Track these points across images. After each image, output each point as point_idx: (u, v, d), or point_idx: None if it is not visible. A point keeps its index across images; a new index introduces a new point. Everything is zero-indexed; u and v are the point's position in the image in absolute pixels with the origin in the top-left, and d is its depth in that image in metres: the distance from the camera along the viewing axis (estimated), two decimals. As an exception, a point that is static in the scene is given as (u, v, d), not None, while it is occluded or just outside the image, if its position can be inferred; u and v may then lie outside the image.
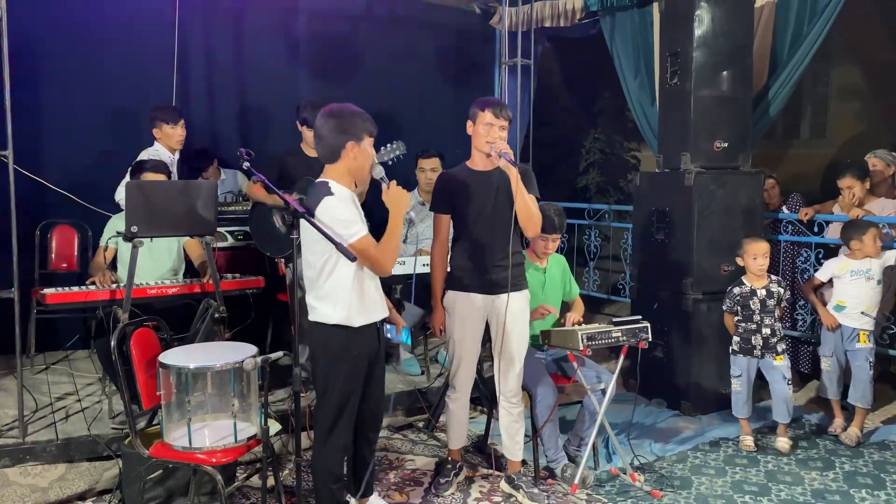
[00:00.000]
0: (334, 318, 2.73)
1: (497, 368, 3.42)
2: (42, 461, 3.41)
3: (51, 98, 4.85)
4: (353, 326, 2.74)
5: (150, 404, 2.96)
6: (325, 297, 2.75)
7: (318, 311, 2.77)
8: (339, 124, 2.72)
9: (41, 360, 4.67)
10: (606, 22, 5.75)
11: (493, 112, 3.20)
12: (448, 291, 3.40)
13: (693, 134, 4.51)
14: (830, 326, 4.18)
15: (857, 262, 4.12)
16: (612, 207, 6.26)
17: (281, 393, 4.08)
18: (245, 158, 2.84)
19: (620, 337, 3.49)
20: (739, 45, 4.54)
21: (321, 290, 2.75)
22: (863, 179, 4.54)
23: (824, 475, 3.71)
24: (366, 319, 2.78)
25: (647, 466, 3.79)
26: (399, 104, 5.87)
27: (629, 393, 4.63)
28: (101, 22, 4.94)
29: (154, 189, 3.56)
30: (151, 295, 3.81)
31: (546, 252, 3.77)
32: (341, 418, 2.80)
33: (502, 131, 3.22)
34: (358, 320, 2.75)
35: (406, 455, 3.96)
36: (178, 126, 4.47)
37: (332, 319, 2.73)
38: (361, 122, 2.74)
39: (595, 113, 8.08)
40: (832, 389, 4.23)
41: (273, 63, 5.63)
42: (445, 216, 3.40)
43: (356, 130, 2.72)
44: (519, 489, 3.45)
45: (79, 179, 4.85)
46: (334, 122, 2.72)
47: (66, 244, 4.79)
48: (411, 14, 6.16)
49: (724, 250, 4.52)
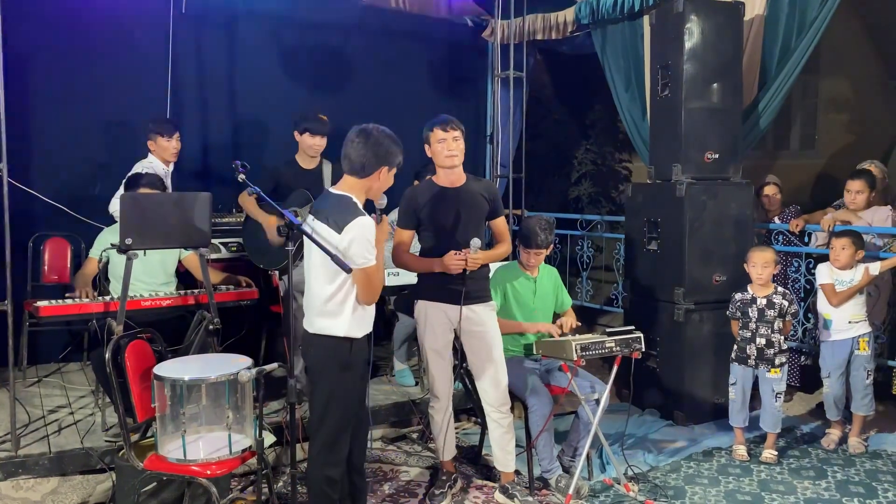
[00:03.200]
0: (342, 331, 2.74)
1: (476, 381, 3.45)
2: (35, 474, 3.40)
3: (44, 110, 4.86)
4: (357, 338, 2.78)
5: (144, 416, 2.96)
6: (335, 313, 2.74)
7: (326, 325, 2.76)
8: (382, 147, 2.78)
9: (33, 373, 4.65)
10: (598, 35, 5.80)
11: (440, 128, 3.30)
12: (418, 302, 3.46)
13: (684, 145, 4.55)
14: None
15: (840, 272, 4.12)
16: (604, 218, 6.30)
17: (275, 404, 4.08)
18: (240, 171, 2.86)
19: (614, 347, 3.51)
20: (729, 57, 4.59)
21: (335, 305, 2.74)
22: (871, 189, 4.58)
23: (817, 484, 3.73)
24: (366, 330, 2.84)
25: (640, 476, 3.80)
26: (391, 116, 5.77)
27: (623, 403, 4.65)
28: (95, 33, 4.95)
29: (148, 201, 3.57)
30: (145, 307, 3.81)
31: (531, 264, 3.80)
32: (345, 430, 2.81)
33: (456, 141, 3.31)
34: (360, 331, 2.80)
35: (400, 466, 3.95)
36: (173, 139, 4.48)
37: (341, 332, 2.75)
38: (397, 154, 2.82)
39: (587, 124, 8.13)
40: (832, 411, 4.20)
41: (267, 75, 5.65)
42: (409, 231, 3.45)
43: (392, 159, 2.81)
44: (514, 498, 3.45)
45: (72, 192, 4.86)
46: (377, 142, 2.78)
47: (58, 256, 4.79)
48: (404, 26, 6.20)
49: (716, 260, 4.56)
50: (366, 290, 2.74)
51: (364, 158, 2.76)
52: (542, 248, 3.76)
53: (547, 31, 6.12)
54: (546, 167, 7.96)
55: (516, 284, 3.81)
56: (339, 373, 2.77)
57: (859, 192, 4.56)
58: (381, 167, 2.78)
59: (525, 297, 3.81)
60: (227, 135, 5.60)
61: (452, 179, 3.39)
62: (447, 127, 3.29)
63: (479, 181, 3.51)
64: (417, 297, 3.47)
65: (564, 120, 8.27)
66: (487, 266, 3.50)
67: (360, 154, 2.76)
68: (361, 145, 2.76)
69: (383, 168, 2.79)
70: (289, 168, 4.25)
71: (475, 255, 3.27)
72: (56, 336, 4.88)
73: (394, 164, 2.82)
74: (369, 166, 2.77)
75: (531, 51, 6.37)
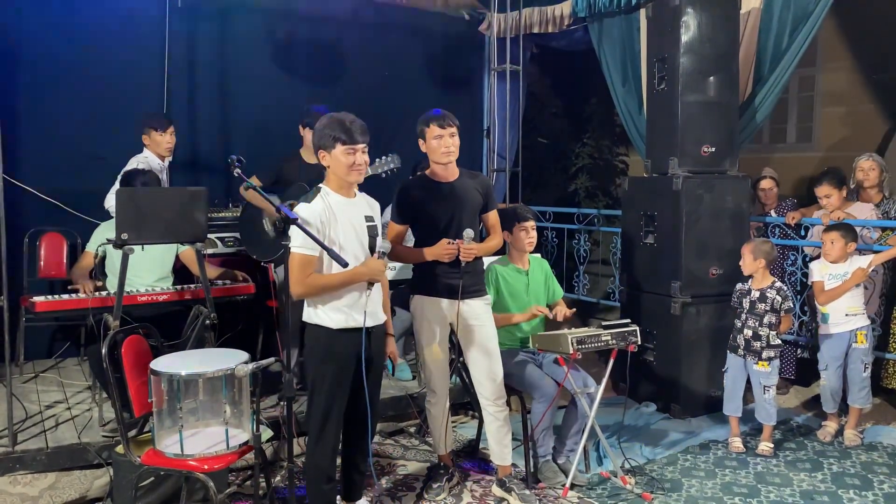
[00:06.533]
0: (316, 319, 2.85)
1: (473, 374, 3.46)
2: (32, 470, 3.40)
3: (39, 105, 4.82)
4: (332, 328, 2.82)
5: (141, 411, 2.96)
6: (314, 301, 2.85)
7: (307, 312, 2.89)
8: (315, 136, 2.87)
9: (30, 369, 4.65)
10: (594, 28, 5.78)
11: (437, 124, 3.29)
12: (414, 296, 3.45)
13: (680, 139, 4.55)
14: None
15: (834, 265, 4.14)
16: (601, 212, 6.30)
17: (272, 399, 4.08)
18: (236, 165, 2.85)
19: (610, 340, 3.51)
20: (725, 50, 4.58)
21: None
22: (840, 187, 4.58)
23: (813, 476, 3.75)
24: (346, 323, 2.84)
25: (637, 469, 3.81)
26: (388, 110, 5.87)
27: (619, 396, 4.66)
28: (91, 27, 4.92)
29: (144, 196, 3.56)
30: (142, 302, 3.81)
31: (530, 242, 3.79)
32: (329, 419, 2.86)
33: (452, 138, 3.30)
34: (336, 322, 2.83)
35: (398, 460, 3.96)
36: (166, 133, 4.47)
37: (314, 320, 2.85)
38: (330, 132, 2.81)
39: (584, 118, 8.12)
40: (828, 404, 4.22)
41: (263, 68, 5.63)
42: (403, 227, 3.45)
43: (326, 141, 2.82)
44: (511, 491, 3.46)
45: (68, 187, 4.83)
46: (317, 130, 2.87)
47: (55, 252, 4.77)
48: (400, 20, 6.18)
49: (712, 254, 4.56)
50: (290, 275, 2.77)
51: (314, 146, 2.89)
52: (532, 218, 3.80)
53: (543, 25, 6.11)
54: (543, 161, 7.94)
55: (509, 279, 3.81)
56: (320, 364, 2.85)
57: (828, 196, 4.59)
58: (320, 152, 2.85)
59: (518, 291, 3.81)
60: (223, 129, 5.57)
61: (446, 174, 3.39)
62: (444, 123, 3.28)
63: (473, 175, 3.51)
64: (413, 291, 3.47)
65: (561, 114, 8.25)
66: (482, 260, 3.50)
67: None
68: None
69: (321, 153, 2.84)
70: (291, 162, 4.25)
71: (468, 246, 3.27)
72: (52, 331, 4.86)
73: (330, 146, 2.81)
74: (316, 152, 2.88)
75: (528, 45, 6.35)
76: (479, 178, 3.54)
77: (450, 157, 3.32)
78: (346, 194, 2.88)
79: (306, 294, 2.80)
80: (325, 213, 2.78)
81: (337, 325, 2.83)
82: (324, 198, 2.82)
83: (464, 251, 3.26)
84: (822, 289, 4.15)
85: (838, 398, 4.21)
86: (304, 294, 2.80)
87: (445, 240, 3.29)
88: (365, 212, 2.93)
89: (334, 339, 2.83)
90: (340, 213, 2.83)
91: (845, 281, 4.06)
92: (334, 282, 2.78)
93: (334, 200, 2.84)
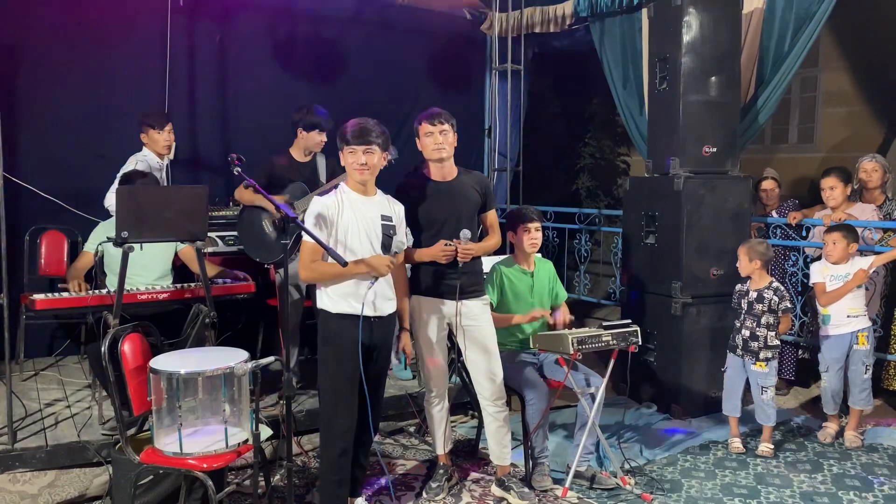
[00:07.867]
0: (320, 303, 3.03)
1: (472, 375, 3.45)
2: (31, 468, 3.40)
3: (39, 103, 4.82)
4: (332, 312, 2.99)
5: (140, 410, 2.96)
6: (321, 285, 3.04)
7: (317, 295, 3.08)
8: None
9: (30, 367, 4.65)
10: (596, 28, 5.78)
11: (428, 122, 3.30)
12: (412, 296, 3.44)
13: (682, 139, 4.54)
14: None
15: (835, 266, 4.13)
16: (602, 212, 6.30)
17: (272, 398, 4.07)
18: (236, 163, 2.85)
19: (610, 341, 3.50)
20: (727, 50, 4.58)
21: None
22: (846, 183, 4.57)
23: (813, 477, 3.74)
24: (344, 309, 2.96)
25: (637, 470, 3.80)
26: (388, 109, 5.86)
27: (620, 397, 4.65)
28: (91, 26, 4.91)
29: (144, 194, 3.56)
30: (142, 300, 3.80)
31: (532, 244, 3.78)
32: (338, 404, 2.99)
33: (443, 135, 3.31)
34: (336, 307, 2.98)
35: (397, 460, 3.96)
36: (164, 131, 4.46)
37: (319, 303, 3.04)
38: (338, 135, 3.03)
39: (585, 118, 8.11)
40: (829, 406, 4.21)
41: (264, 67, 5.63)
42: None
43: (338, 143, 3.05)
44: (510, 490, 3.46)
45: (68, 185, 4.83)
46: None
47: (55, 249, 4.78)
48: (402, 19, 6.16)
49: (713, 254, 4.56)
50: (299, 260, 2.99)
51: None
52: (538, 220, 3.78)
53: (545, 24, 6.10)
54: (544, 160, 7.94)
55: (514, 280, 3.80)
56: (323, 345, 3.04)
57: (833, 188, 4.57)
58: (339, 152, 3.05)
59: (523, 293, 3.80)
60: (223, 128, 5.57)
61: (444, 173, 3.38)
62: (434, 121, 3.29)
63: (471, 174, 3.49)
64: (411, 291, 3.46)
65: (563, 113, 8.25)
66: (480, 260, 3.49)
67: None
68: None
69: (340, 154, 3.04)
70: (282, 161, 4.23)
71: (467, 246, 3.26)
72: (52, 329, 4.86)
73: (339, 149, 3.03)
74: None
75: (529, 44, 6.35)
76: (478, 177, 3.53)
77: (440, 154, 3.31)
78: (362, 192, 3.05)
79: (311, 278, 3.04)
80: (334, 206, 2.97)
81: (336, 309, 2.98)
82: (339, 193, 3.03)
83: (462, 252, 3.26)
84: (823, 290, 4.14)
85: (839, 400, 4.20)
86: (309, 277, 3.04)
87: (442, 241, 3.28)
88: (382, 211, 3.07)
89: (332, 321, 2.98)
90: (353, 209, 3.00)
91: (847, 282, 4.05)
92: (333, 271, 2.90)
93: (349, 197, 3.03)
